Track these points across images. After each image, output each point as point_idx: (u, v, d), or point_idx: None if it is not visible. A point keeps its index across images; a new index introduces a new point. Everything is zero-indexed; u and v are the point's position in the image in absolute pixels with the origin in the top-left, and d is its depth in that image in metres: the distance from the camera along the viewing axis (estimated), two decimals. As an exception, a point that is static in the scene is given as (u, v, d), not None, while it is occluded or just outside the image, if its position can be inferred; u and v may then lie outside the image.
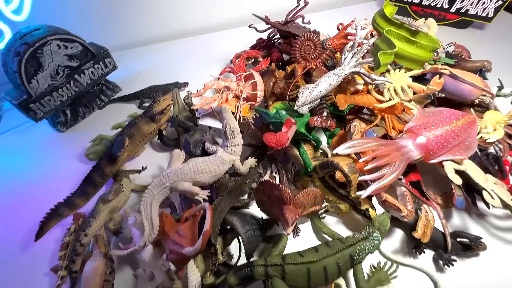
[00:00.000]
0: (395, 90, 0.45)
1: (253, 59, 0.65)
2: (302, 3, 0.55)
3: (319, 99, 0.45)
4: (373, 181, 0.38)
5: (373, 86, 0.47)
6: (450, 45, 0.72)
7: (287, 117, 0.39)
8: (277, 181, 0.45)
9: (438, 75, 0.43)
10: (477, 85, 0.47)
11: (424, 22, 0.69)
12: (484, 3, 0.76)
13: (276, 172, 0.48)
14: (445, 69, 0.47)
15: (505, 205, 0.40)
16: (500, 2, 0.74)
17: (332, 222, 0.46)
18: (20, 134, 0.59)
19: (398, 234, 0.44)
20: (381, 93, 0.47)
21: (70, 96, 0.56)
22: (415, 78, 0.53)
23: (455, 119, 0.41)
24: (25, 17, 0.56)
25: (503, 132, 0.46)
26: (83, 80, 0.57)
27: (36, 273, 0.41)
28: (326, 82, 0.43)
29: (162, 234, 0.38)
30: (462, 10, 0.79)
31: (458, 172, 0.42)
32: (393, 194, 0.44)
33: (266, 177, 0.47)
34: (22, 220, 0.47)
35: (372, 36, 0.62)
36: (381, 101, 0.46)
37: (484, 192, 0.39)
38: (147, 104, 0.62)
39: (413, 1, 0.83)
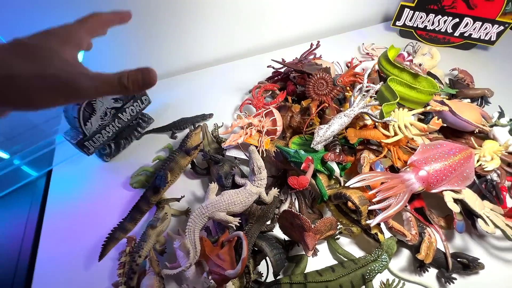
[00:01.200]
0: (399, 127, 0.52)
1: (271, 91, 0.72)
2: (314, 45, 0.62)
3: (332, 137, 0.51)
4: (381, 209, 0.44)
5: (379, 123, 0.54)
6: (453, 70, 0.77)
7: (306, 156, 0.47)
8: (297, 209, 0.53)
9: (436, 117, 0.49)
10: (471, 122, 0.52)
11: (428, 52, 0.74)
12: (486, 28, 0.81)
13: (295, 199, 0.55)
14: (446, 105, 0.53)
15: (501, 231, 0.46)
16: (502, 27, 0.79)
17: (345, 243, 0.52)
18: (72, 164, 0.68)
19: (405, 253, 0.50)
20: (387, 128, 0.53)
21: (115, 131, 0.65)
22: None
23: (452, 155, 0.47)
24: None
25: (499, 162, 0.51)
26: (125, 117, 0.66)
27: (100, 284, 0.49)
28: (337, 123, 0.50)
29: (202, 256, 0.46)
30: (466, 34, 0.84)
31: (457, 199, 0.48)
32: (399, 219, 0.50)
33: (287, 204, 0.54)
34: (82, 241, 0.56)
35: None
36: (387, 136, 0.53)
37: (479, 220, 0.45)
38: (177, 134, 0.71)
39: (418, 26, 0.88)
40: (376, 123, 0.54)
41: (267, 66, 0.67)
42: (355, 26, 1.01)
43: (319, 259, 0.50)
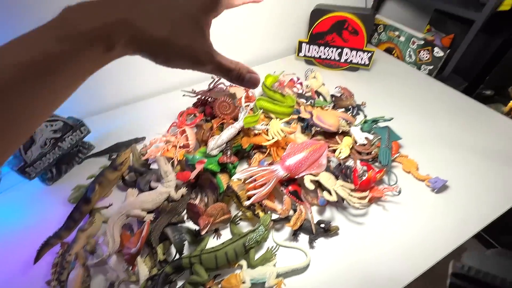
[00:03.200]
0: (273, 132, 0.70)
1: (193, 115, 0.89)
2: (216, 78, 0.81)
3: (225, 144, 0.68)
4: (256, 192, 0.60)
5: (264, 130, 0.71)
6: (337, 87, 1.00)
7: (199, 159, 0.62)
8: (196, 202, 0.67)
9: (294, 122, 0.68)
10: (329, 124, 0.72)
11: (314, 77, 0.96)
12: (360, 55, 1.06)
13: (204, 195, 0.69)
14: (308, 113, 0.72)
15: (345, 199, 0.63)
16: (369, 54, 1.04)
17: (244, 226, 0.66)
18: (17, 190, 0.77)
19: (287, 229, 0.66)
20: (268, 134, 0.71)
21: (55, 158, 0.76)
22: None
23: (305, 148, 0.65)
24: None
25: (348, 151, 0.71)
26: (65, 145, 0.78)
27: (36, 286, 0.58)
28: (226, 134, 0.67)
29: (121, 246, 0.57)
30: (348, 60, 1.09)
31: (315, 181, 0.65)
32: (281, 200, 0.66)
33: (197, 200, 0.68)
34: (23, 253, 0.64)
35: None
36: (267, 140, 0.70)
37: (324, 192, 0.62)
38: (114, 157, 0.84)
39: (315, 56, 1.12)
40: (264, 131, 0.71)
41: (183, 95, 0.84)
42: (273, 57, 1.24)
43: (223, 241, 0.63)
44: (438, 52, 1.05)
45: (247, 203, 0.58)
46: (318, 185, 0.66)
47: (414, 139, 0.82)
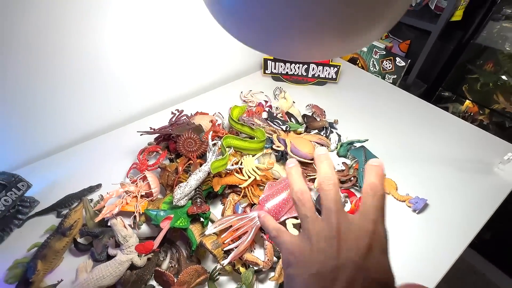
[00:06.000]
0: (248, 171, 0.63)
1: (154, 152, 0.79)
2: (177, 113, 0.72)
3: (193, 191, 0.60)
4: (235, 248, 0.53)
5: (234, 169, 0.65)
6: (308, 106, 0.96)
7: (163, 218, 0.53)
8: (166, 263, 0.58)
9: (269, 158, 0.62)
10: (302, 153, 0.67)
11: (283, 97, 0.92)
12: (326, 70, 1.04)
13: (176, 251, 0.61)
14: (279, 146, 0.67)
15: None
16: (336, 69, 1.03)
17: (224, 281, 0.59)
18: None
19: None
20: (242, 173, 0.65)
21: (-15, 227, 0.62)
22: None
23: (285, 189, 0.59)
24: None
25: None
26: (-3, 209, 0.64)
27: None
28: (194, 179, 0.59)
29: None
30: (316, 75, 1.06)
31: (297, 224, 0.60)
32: (261, 246, 0.60)
33: (167, 259, 0.59)
34: None
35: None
36: (243, 180, 0.63)
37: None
38: (64, 213, 0.71)
39: (282, 72, 1.08)
40: (234, 170, 0.64)
41: (140, 134, 0.74)
42: (239, 75, 1.18)
43: (202, 304, 0.55)
44: (400, 62, 1.06)
45: (224, 262, 0.51)
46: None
47: (388, 155, 0.81)
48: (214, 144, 0.62)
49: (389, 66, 1.11)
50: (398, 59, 1.06)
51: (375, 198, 0.26)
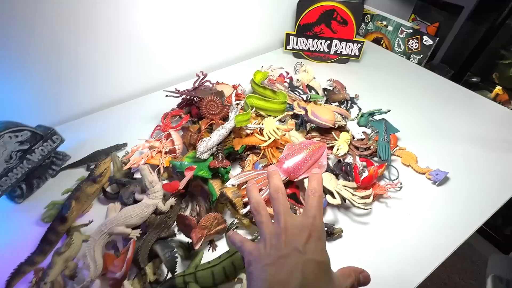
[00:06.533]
0: (269, 132, 0.65)
1: (178, 116, 0.82)
2: (201, 75, 0.74)
3: (215, 147, 0.62)
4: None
5: (257, 130, 0.66)
6: (329, 80, 0.96)
7: (188, 166, 0.56)
8: (187, 213, 0.61)
9: (291, 119, 0.63)
10: (325, 120, 0.67)
11: (305, 70, 0.92)
12: (349, 46, 1.02)
13: (196, 205, 0.63)
14: (302, 109, 0.68)
15: (348, 201, 0.59)
16: (359, 45, 1.01)
17: (243, 234, 0.61)
18: (-18, 212, 0.68)
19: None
20: (263, 134, 0.66)
21: (24, 173, 0.68)
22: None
23: (304, 149, 0.60)
24: (-21, 117, 0.68)
25: (347, 147, 0.67)
26: (35, 158, 0.69)
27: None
28: (217, 135, 0.61)
29: (105, 269, 0.51)
30: (338, 52, 1.05)
31: (316, 182, 0.61)
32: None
33: (188, 210, 0.62)
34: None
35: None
36: (263, 141, 0.65)
37: (327, 195, 0.58)
38: (93, 167, 0.76)
39: (303, 48, 1.08)
40: (256, 131, 0.66)
41: (166, 96, 0.77)
42: (260, 51, 1.19)
43: (219, 253, 0.58)
44: (428, 41, 1.03)
45: (243, 211, 0.53)
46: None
47: (410, 131, 0.80)
48: (237, 104, 0.63)
49: (415, 46, 1.07)
50: (425, 37, 1.03)
51: (315, 199, 0.34)
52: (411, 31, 1.07)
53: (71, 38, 0.79)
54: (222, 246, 0.59)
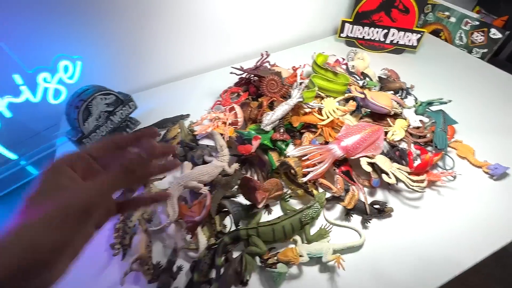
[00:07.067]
0: (328, 111, 0.68)
1: (236, 94, 0.89)
2: (265, 55, 0.79)
3: (278, 121, 0.67)
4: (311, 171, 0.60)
5: (315, 109, 0.70)
6: (383, 70, 0.96)
7: (255, 135, 0.62)
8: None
9: (351, 100, 0.66)
10: (383, 105, 0.69)
11: (358, 58, 0.92)
12: (408, 36, 1.01)
13: (254, 172, 0.70)
14: (361, 93, 0.70)
15: (403, 182, 0.62)
16: (419, 35, 0.99)
17: (294, 203, 0.67)
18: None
19: (338, 208, 0.65)
20: (321, 114, 0.70)
21: (107, 132, 0.79)
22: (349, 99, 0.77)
23: (364, 129, 0.63)
24: (75, 80, 0.80)
25: (403, 133, 0.68)
26: (115, 119, 0.80)
27: (99, 249, 0.62)
28: (280, 110, 0.66)
29: (179, 215, 0.59)
30: (394, 41, 1.04)
31: (372, 163, 0.64)
32: (332, 180, 0.66)
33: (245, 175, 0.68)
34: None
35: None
36: (321, 119, 0.69)
37: (383, 174, 0.61)
38: (161, 132, 0.85)
39: (358, 37, 1.08)
40: (314, 110, 0.70)
41: (230, 73, 0.83)
42: (312, 38, 1.20)
43: (273, 217, 0.64)
44: (495, 34, 0.98)
45: (303, 179, 0.58)
46: (372, 167, 0.64)
47: (467, 125, 0.78)
48: (301, 83, 0.67)
49: (480, 39, 1.02)
50: (493, 30, 0.97)
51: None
52: (478, 23, 1.02)
53: (148, 16, 0.87)
54: (276, 211, 0.65)
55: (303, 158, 0.61)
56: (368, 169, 0.61)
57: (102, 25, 0.83)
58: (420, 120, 0.72)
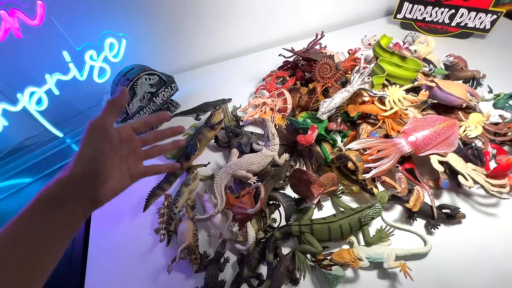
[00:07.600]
0: (393, 101, 0.60)
1: (281, 78, 0.82)
2: (319, 35, 0.72)
3: (335, 109, 0.61)
4: (375, 168, 0.53)
5: (376, 98, 0.63)
6: (449, 56, 0.84)
7: (312, 124, 0.56)
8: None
9: (424, 89, 0.57)
10: (457, 96, 0.60)
11: (424, 40, 0.82)
12: (480, 17, 0.87)
13: (303, 164, 0.65)
14: (432, 82, 0.61)
15: (481, 186, 0.54)
16: (495, 16, 0.85)
17: (347, 200, 0.61)
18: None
19: (398, 209, 0.59)
20: (383, 103, 0.62)
21: (150, 112, 0.77)
22: (413, 90, 0.68)
23: (438, 123, 0.55)
24: (120, 59, 0.78)
25: (481, 130, 0.59)
26: (158, 101, 0.78)
27: (143, 234, 0.61)
28: (339, 97, 0.59)
29: (227, 205, 0.56)
30: (462, 24, 0.91)
31: (443, 162, 0.56)
32: (393, 178, 0.59)
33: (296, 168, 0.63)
34: (130, 201, 0.67)
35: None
36: (384, 110, 0.61)
37: (459, 176, 0.53)
38: (201, 116, 0.82)
39: (417, 18, 0.96)
40: (374, 99, 0.63)
41: (279, 55, 0.77)
42: (360, 20, 1.10)
43: (324, 214, 0.59)
44: None
45: (366, 176, 0.52)
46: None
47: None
48: (365, 68, 0.60)
49: None
50: None
51: None
52: None
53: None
54: (328, 208, 0.60)
55: (365, 153, 0.55)
56: (440, 168, 0.54)
57: (148, 4, 0.80)
58: (499, 115, 0.62)
